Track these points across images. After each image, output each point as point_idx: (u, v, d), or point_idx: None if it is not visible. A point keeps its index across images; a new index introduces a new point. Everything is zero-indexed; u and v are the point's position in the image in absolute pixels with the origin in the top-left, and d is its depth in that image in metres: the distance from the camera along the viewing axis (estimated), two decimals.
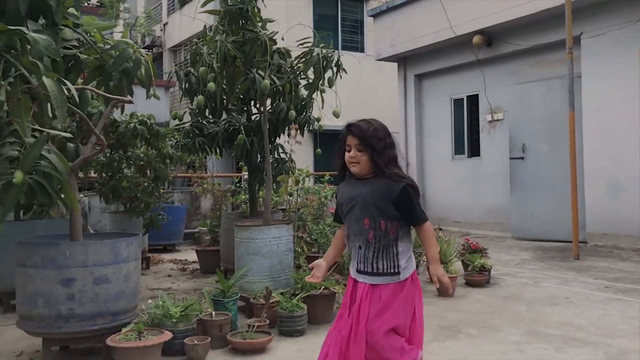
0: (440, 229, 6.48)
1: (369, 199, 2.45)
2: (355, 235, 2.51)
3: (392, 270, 2.47)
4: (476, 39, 9.97)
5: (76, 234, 3.72)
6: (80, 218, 3.81)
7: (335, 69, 5.36)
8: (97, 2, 18.86)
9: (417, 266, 5.89)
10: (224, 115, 6.38)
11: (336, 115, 5.43)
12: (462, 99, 11.27)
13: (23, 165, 3.36)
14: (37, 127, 3.67)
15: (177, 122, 6.31)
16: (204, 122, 6.25)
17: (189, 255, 8.11)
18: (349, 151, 2.49)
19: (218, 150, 6.46)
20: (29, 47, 3.31)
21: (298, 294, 4.27)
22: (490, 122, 10.56)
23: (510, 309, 4.81)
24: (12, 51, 3.29)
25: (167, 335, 3.44)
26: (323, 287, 4.28)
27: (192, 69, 6.06)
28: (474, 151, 11.10)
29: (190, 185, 11.04)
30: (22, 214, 4.94)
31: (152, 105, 7.14)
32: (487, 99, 10.49)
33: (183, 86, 6.04)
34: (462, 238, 7.09)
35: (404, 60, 12.22)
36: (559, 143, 8.59)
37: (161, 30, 19.58)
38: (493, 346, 3.84)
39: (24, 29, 3.31)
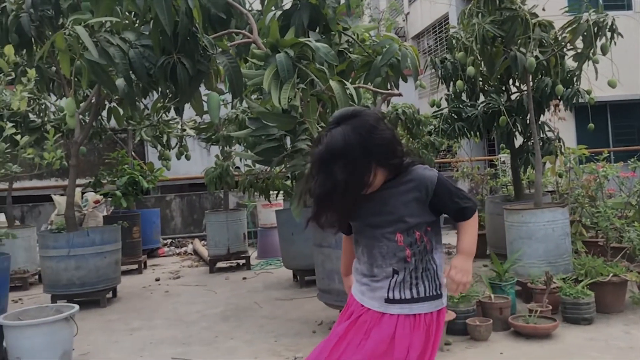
0: None
1: (398, 208, 1.81)
2: (385, 259, 1.85)
3: (434, 292, 1.85)
4: None
5: None
6: None
7: (609, 34, 4.85)
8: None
9: None
10: (481, 98, 6.30)
11: (612, 84, 4.91)
12: None
13: None
14: (322, 124, 4.17)
15: (434, 108, 6.44)
16: (462, 106, 6.27)
17: (449, 238, 8.21)
18: None
19: (478, 134, 6.43)
20: (312, 54, 3.78)
21: (582, 280, 4.00)
22: None
23: None
24: (302, 61, 3.80)
25: (451, 315, 3.59)
26: (612, 275, 3.92)
27: (447, 56, 6.11)
28: None
29: (446, 169, 11.12)
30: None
31: (403, 96, 7.38)
32: None
33: (439, 73, 6.13)
34: None
35: None
36: None
37: (404, 20, 20.04)
38: None
39: (310, 40, 3.80)
